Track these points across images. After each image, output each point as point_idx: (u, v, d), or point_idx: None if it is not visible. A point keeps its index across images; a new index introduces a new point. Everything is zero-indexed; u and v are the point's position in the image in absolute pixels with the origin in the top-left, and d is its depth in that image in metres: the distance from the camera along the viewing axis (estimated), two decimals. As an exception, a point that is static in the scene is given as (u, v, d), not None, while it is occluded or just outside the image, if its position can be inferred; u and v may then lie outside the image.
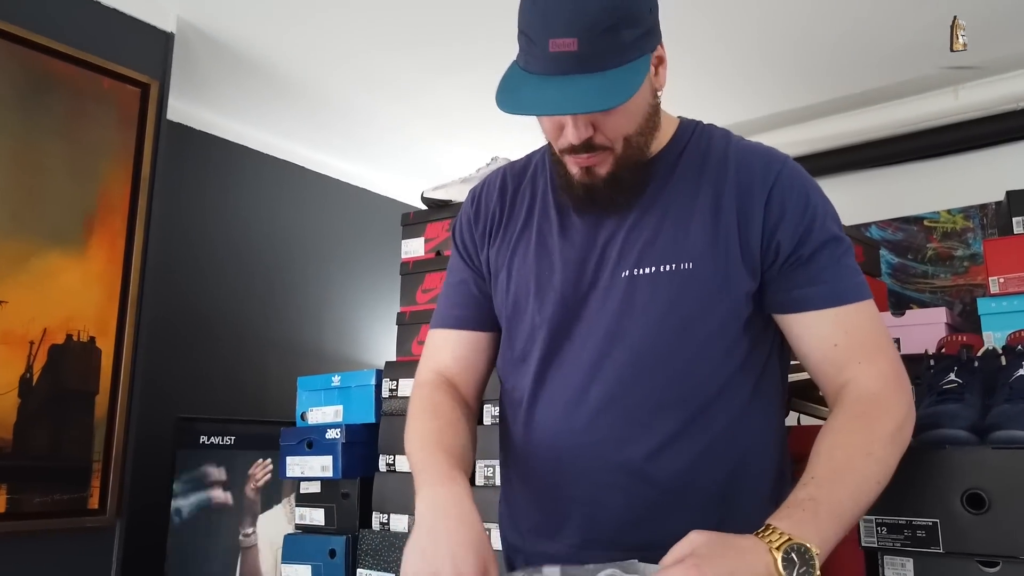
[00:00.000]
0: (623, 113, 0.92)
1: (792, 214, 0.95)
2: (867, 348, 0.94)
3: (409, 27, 2.19)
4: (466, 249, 1.12)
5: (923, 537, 1.08)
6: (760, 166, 0.99)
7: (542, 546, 1.01)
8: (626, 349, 0.95)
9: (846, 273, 0.96)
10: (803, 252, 0.95)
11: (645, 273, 0.96)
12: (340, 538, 1.82)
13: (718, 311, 0.95)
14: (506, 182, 1.12)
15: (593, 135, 0.92)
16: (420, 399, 1.07)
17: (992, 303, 1.65)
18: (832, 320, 0.94)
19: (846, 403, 0.93)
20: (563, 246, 1.02)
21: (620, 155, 0.95)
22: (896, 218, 2.72)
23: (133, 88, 2.12)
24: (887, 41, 2.28)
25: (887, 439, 0.89)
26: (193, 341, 2.62)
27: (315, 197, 3.12)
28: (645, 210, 0.99)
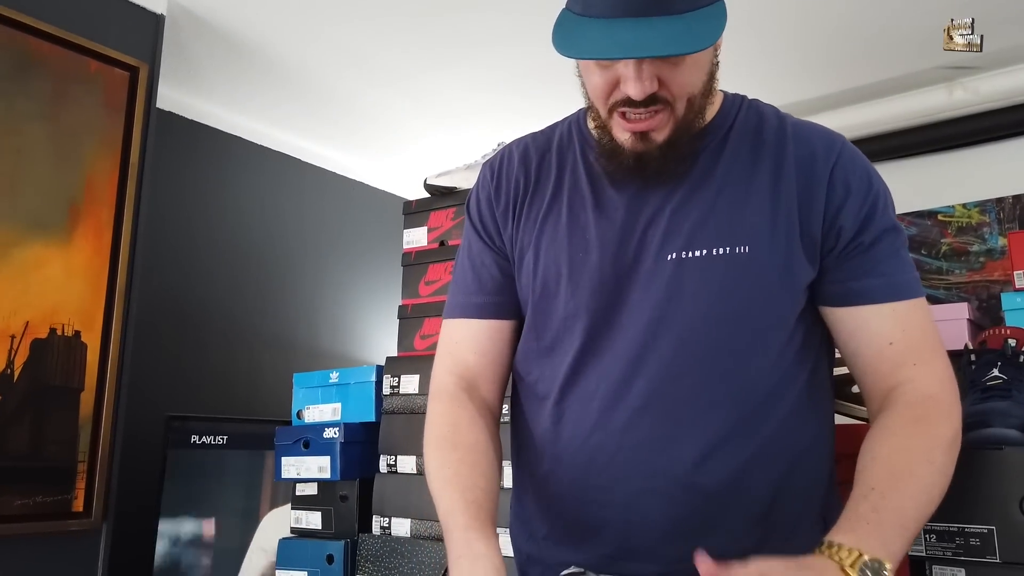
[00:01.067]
0: (693, 67, 0.83)
1: (856, 195, 0.88)
2: (924, 348, 0.88)
3: (408, 13, 2.11)
4: (485, 228, 1.02)
5: (977, 545, 1.00)
6: (821, 143, 0.91)
7: (564, 555, 0.92)
8: (673, 340, 0.86)
9: (904, 266, 0.90)
10: (864, 239, 0.88)
11: (695, 256, 0.87)
12: (338, 543, 1.73)
13: (775, 301, 0.87)
14: (529, 152, 1.01)
15: (658, 90, 0.83)
16: (439, 417, 0.96)
17: (1018, 298, 1.58)
18: (890, 316, 0.88)
19: (901, 406, 0.86)
20: (599, 223, 0.92)
21: (680, 118, 0.86)
22: (910, 212, 2.65)
23: (121, 72, 2.04)
24: (899, 30, 2.22)
25: (947, 445, 0.84)
26: (183, 336, 2.54)
27: (310, 189, 3.04)
28: (695, 186, 0.90)
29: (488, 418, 0.97)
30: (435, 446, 0.93)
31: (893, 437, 0.83)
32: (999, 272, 2.43)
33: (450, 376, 0.99)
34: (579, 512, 0.91)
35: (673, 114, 0.86)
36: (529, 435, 0.98)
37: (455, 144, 2.96)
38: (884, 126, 2.62)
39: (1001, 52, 2.31)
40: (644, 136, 0.86)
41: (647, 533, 0.87)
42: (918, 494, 0.79)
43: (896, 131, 2.62)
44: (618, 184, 0.93)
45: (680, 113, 0.86)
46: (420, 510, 1.66)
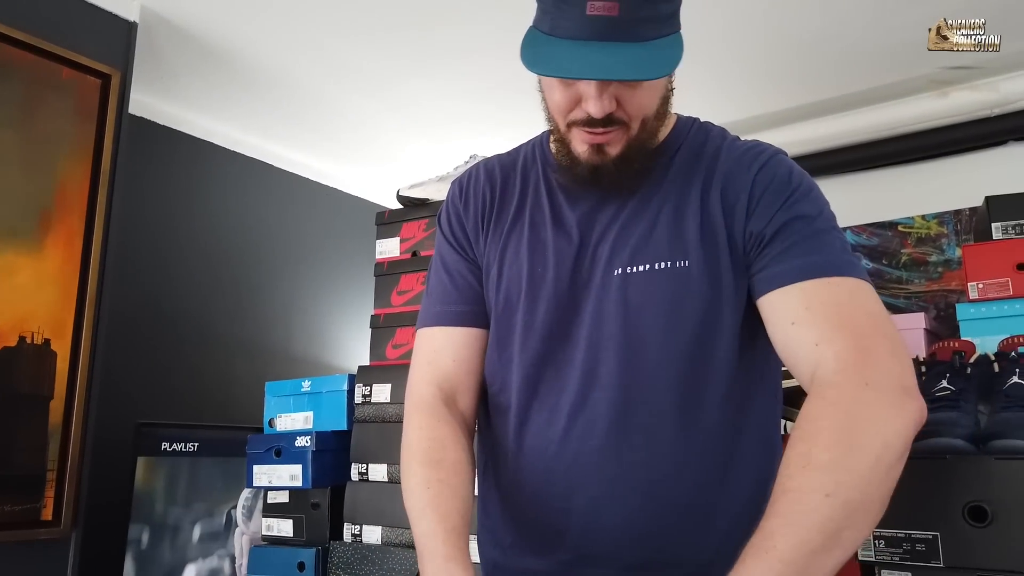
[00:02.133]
0: (649, 91, 0.88)
1: (769, 194, 0.90)
2: (827, 326, 0.80)
3: (384, 20, 2.12)
4: (458, 240, 1.05)
5: (923, 551, 1.05)
6: (749, 155, 0.95)
7: (527, 562, 0.95)
8: (621, 352, 0.90)
9: (823, 248, 0.86)
10: (768, 231, 0.88)
11: (640, 271, 0.91)
12: (309, 550, 1.74)
13: (717, 311, 0.90)
14: (495, 171, 1.06)
15: (615, 112, 0.87)
16: (420, 431, 0.97)
17: (971, 308, 1.65)
18: (796, 295, 0.83)
19: (804, 411, 0.77)
20: (556, 240, 0.97)
21: (634, 136, 0.91)
22: (871, 223, 2.72)
23: (93, 79, 2.03)
24: (862, 44, 2.28)
25: (855, 469, 0.71)
26: (155, 344, 2.53)
27: (284, 196, 3.04)
28: (642, 203, 0.95)
29: (467, 435, 1.00)
30: (417, 462, 0.94)
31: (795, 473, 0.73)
32: (956, 282, 2.51)
33: (429, 387, 1.00)
34: (542, 520, 0.94)
35: (628, 133, 0.90)
36: (495, 445, 1.01)
37: (431, 152, 2.98)
38: (845, 139, 2.68)
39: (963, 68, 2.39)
40: (600, 149, 0.91)
41: (606, 539, 0.89)
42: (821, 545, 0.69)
43: (859, 144, 2.68)
44: (574, 202, 0.97)
45: (634, 132, 0.90)
46: (391, 518, 1.68)
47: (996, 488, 1.01)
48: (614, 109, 0.87)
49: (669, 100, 0.96)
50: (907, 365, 0.79)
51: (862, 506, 0.71)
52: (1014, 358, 1.24)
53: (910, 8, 2.08)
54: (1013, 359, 1.24)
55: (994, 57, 2.31)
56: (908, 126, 2.59)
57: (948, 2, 2.04)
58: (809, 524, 0.69)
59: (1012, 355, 1.25)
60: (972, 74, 2.43)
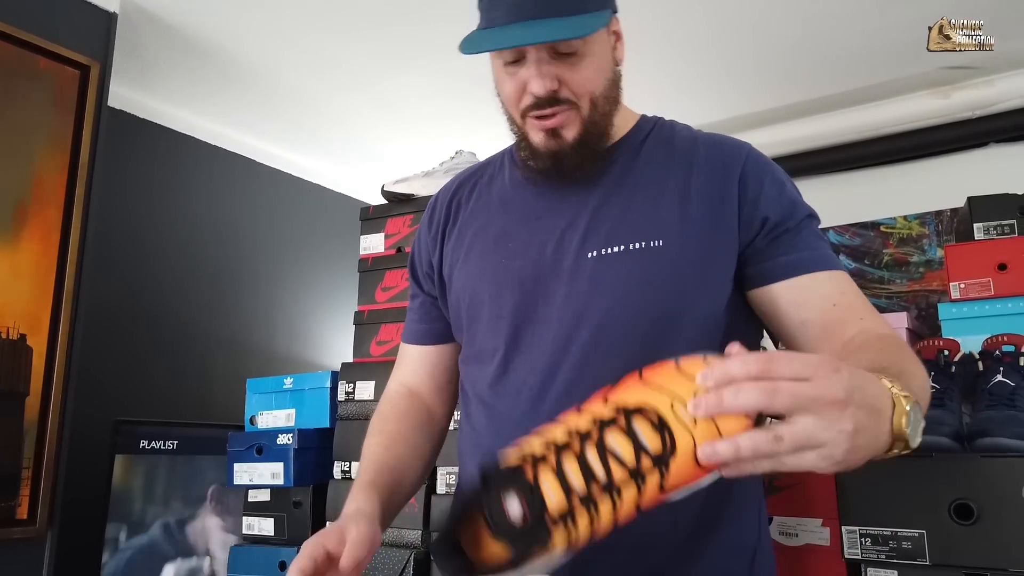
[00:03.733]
0: (589, 67, 0.92)
1: (767, 186, 0.95)
2: (864, 307, 0.91)
3: (369, 16, 2.11)
4: (422, 263, 1.13)
5: (909, 549, 1.05)
6: (730, 147, 0.99)
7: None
8: (593, 329, 0.91)
9: (826, 245, 0.96)
10: (791, 223, 0.94)
11: (614, 252, 0.93)
12: (290, 549, 1.72)
13: (691, 290, 0.92)
14: (462, 182, 1.12)
15: (559, 89, 0.91)
16: (378, 414, 1.09)
17: (953, 308, 1.65)
18: (828, 281, 0.91)
19: (865, 340, 0.84)
20: (521, 230, 1.00)
21: (586, 117, 0.94)
22: (854, 223, 2.73)
23: (72, 70, 2.00)
24: (846, 46, 2.29)
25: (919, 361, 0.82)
26: (133, 340, 2.49)
27: (266, 191, 3.01)
28: (612, 191, 0.97)
29: (423, 413, 1.10)
30: (370, 433, 1.06)
31: (872, 350, 0.80)
32: (937, 282, 2.53)
33: (396, 384, 1.14)
34: None
35: (579, 114, 0.94)
36: (469, 433, 1.03)
37: (416, 148, 2.96)
38: (829, 139, 2.70)
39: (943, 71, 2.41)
40: (555, 133, 0.94)
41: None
42: (924, 380, 0.78)
43: (842, 144, 2.70)
44: (541, 196, 1.00)
45: (585, 112, 0.94)
46: (374, 516, 1.67)
47: (981, 486, 1.01)
48: (557, 87, 0.91)
49: (618, 85, 1.00)
50: None
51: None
52: (998, 356, 1.24)
53: (894, 10, 2.09)
54: (997, 357, 1.24)
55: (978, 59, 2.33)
56: (890, 127, 2.61)
57: (933, 5, 2.06)
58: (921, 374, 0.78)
59: (996, 353, 1.26)
60: (956, 76, 2.45)
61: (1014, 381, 1.18)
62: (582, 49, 0.91)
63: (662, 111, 1.13)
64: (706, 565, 0.90)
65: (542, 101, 0.91)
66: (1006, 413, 1.11)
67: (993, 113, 2.46)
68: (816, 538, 1.17)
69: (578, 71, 0.91)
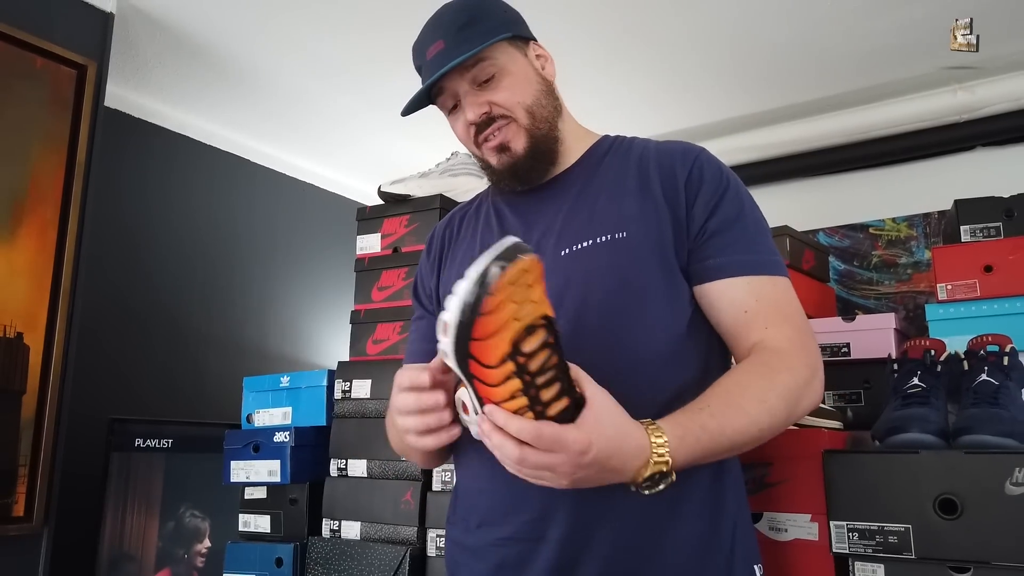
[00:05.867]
0: (511, 84, 1.04)
1: (707, 186, 1.02)
2: (775, 315, 0.97)
3: (366, 16, 2.12)
4: (424, 288, 1.21)
5: (895, 543, 1.07)
6: (681, 151, 1.07)
7: (495, 533, 0.99)
8: (570, 318, 0.97)
9: (758, 248, 1.00)
10: (714, 224, 1.00)
11: (584, 246, 1.01)
12: (287, 546, 1.74)
13: (655, 276, 0.99)
14: (455, 215, 1.23)
15: (490, 110, 1.04)
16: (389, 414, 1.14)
17: (940, 309, 1.68)
18: (744, 287, 0.97)
19: (751, 357, 0.96)
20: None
21: (528, 126, 1.05)
22: (843, 225, 2.77)
23: (68, 69, 2.01)
24: (832, 50, 2.32)
25: (783, 392, 0.91)
26: (129, 338, 2.50)
27: (263, 191, 3.02)
28: (579, 196, 1.06)
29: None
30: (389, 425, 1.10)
31: (737, 374, 0.93)
32: (925, 283, 2.56)
33: None
34: (502, 489, 0.98)
35: (520, 125, 1.05)
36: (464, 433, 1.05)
37: (412, 150, 2.97)
38: (820, 142, 2.73)
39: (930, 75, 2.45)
40: (504, 148, 1.05)
41: (566, 491, 0.92)
42: (742, 427, 0.87)
43: (831, 147, 2.73)
44: (519, 213, 1.10)
45: (525, 122, 1.05)
46: (370, 513, 1.68)
47: (965, 481, 1.04)
48: (488, 109, 1.04)
49: (554, 95, 1.10)
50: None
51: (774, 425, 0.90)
52: (983, 356, 1.27)
53: (879, 15, 2.12)
54: (982, 357, 1.27)
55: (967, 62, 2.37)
56: (879, 130, 2.65)
57: (917, 10, 2.09)
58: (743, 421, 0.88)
59: (981, 353, 1.28)
60: (944, 79, 2.48)
61: (998, 380, 1.21)
62: (498, 73, 1.04)
63: (647, 116, 1.19)
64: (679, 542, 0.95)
65: (481, 125, 1.05)
66: (989, 411, 1.14)
67: (980, 117, 2.50)
68: (805, 533, 1.20)
69: (501, 90, 1.04)
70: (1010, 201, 1.81)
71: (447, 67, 1.00)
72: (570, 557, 0.93)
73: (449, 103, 1.07)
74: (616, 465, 0.79)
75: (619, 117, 2.69)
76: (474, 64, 1.03)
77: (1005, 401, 1.18)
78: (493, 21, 1.05)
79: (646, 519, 0.93)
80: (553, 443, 0.75)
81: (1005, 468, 1.02)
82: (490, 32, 1.03)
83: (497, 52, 1.04)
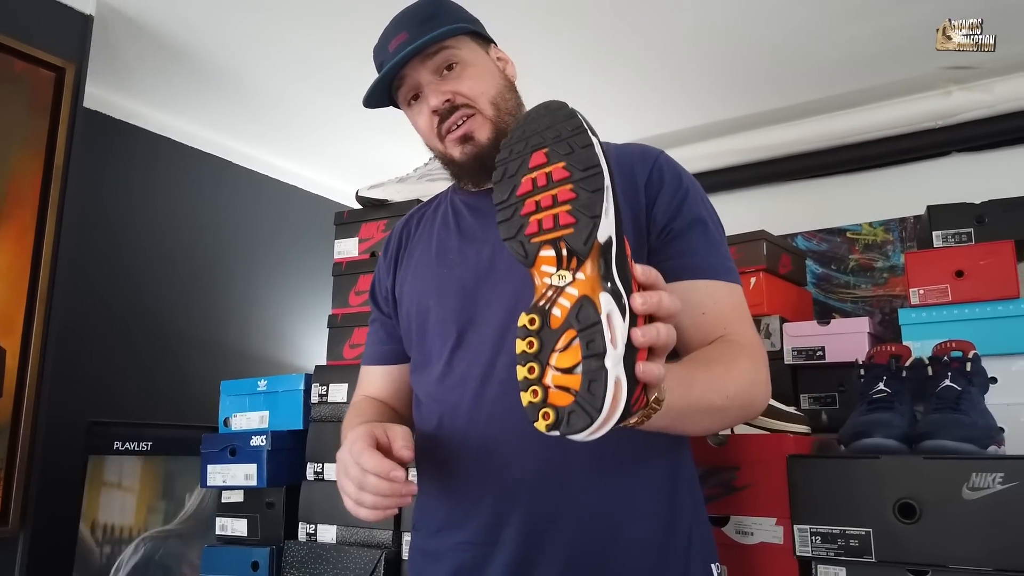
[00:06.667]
0: (474, 75, 1.05)
1: (667, 188, 1.02)
2: (733, 318, 0.98)
3: (347, 19, 2.13)
4: (380, 288, 1.20)
5: (856, 546, 1.09)
6: (639, 152, 1.07)
7: (456, 537, 1.00)
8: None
9: (714, 252, 1.01)
10: (675, 226, 1.01)
11: None
12: (264, 549, 1.74)
13: None
14: (412, 215, 1.23)
15: (453, 98, 1.04)
16: (353, 408, 1.17)
17: (912, 313, 1.71)
18: (703, 290, 0.98)
19: (713, 343, 0.96)
20: (461, 244, 1.08)
21: (492, 117, 1.05)
22: (821, 229, 2.80)
23: (47, 72, 2.01)
24: (815, 56, 2.34)
25: (742, 372, 0.92)
26: (108, 341, 2.49)
27: (242, 193, 3.02)
28: None
29: (395, 416, 1.15)
30: (349, 415, 1.14)
31: (703, 352, 0.93)
32: (901, 287, 2.59)
33: (365, 396, 1.21)
34: (463, 492, 1.00)
35: (485, 116, 1.05)
36: (422, 437, 1.08)
37: (392, 153, 2.98)
38: (803, 146, 2.75)
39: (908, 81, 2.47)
40: (468, 139, 1.05)
41: (521, 494, 0.95)
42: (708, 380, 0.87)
43: (813, 151, 2.76)
44: (475, 212, 1.10)
45: (490, 113, 1.05)
46: (347, 517, 1.69)
47: (924, 486, 1.06)
48: (451, 97, 1.04)
49: (515, 91, 1.11)
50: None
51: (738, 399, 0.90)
52: (946, 362, 1.29)
53: (864, 21, 2.15)
54: (945, 363, 1.29)
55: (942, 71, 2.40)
56: (857, 135, 2.67)
57: (900, 17, 2.11)
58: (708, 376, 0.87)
59: (944, 359, 1.31)
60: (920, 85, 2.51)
61: (960, 386, 1.23)
62: (461, 63, 1.05)
63: (640, 117, 1.19)
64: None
65: (444, 112, 1.04)
66: (951, 416, 1.16)
67: (955, 123, 2.53)
68: (770, 536, 1.21)
69: (464, 78, 1.04)
70: (981, 207, 1.84)
71: (410, 48, 1.01)
72: (526, 560, 0.94)
73: (410, 95, 1.07)
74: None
75: (608, 119, 2.71)
76: (436, 52, 1.04)
77: (967, 406, 1.20)
78: (455, 16, 1.07)
79: (601, 520, 0.94)
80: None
81: (962, 473, 1.04)
82: (453, 23, 1.05)
83: (460, 44, 1.05)
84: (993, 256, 1.66)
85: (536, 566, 0.93)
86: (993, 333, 1.60)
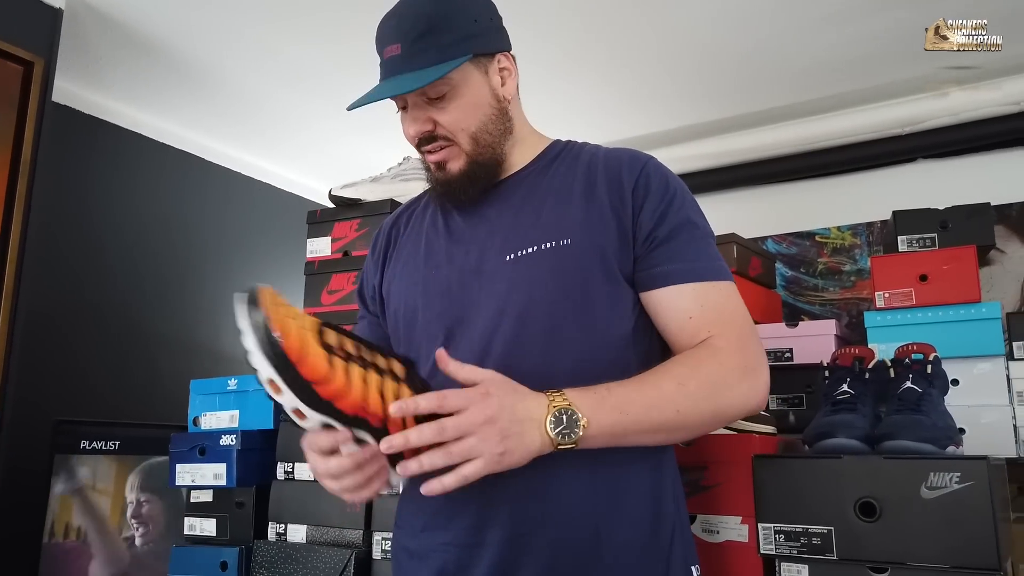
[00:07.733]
0: (457, 108, 1.03)
1: (654, 195, 1.03)
2: (719, 321, 0.99)
3: (320, 16, 2.12)
4: (368, 287, 1.21)
5: (818, 544, 1.12)
6: (628, 159, 1.08)
7: (438, 538, 1.00)
8: (514, 323, 0.99)
9: (703, 255, 1.02)
10: (661, 231, 1.01)
11: (529, 252, 1.02)
12: (233, 549, 1.73)
13: (599, 283, 1.00)
14: (401, 213, 1.23)
15: (434, 129, 1.03)
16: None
17: (878, 316, 1.75)
18: (690, 294, 1.00)
19: (685, 352, 0.99)
20: (448, 244, 1.09)
21: (470, 151, 1.04)
22: (790, 233, 2.84)
23: (15, 66, 1.98)
24: (786, 62, 2.38)
25: (705, 380, 0.94)
26: (75, 339, 2.46)
27: (214, 190, 2.99)
28: (524, 201, 1.07)
29: None
30: None
31: (663, 366, 0.96)
32: (867, 291, 2.64)
33: None
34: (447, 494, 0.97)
35: (462, 149, 1.04)
36: None
37: (366, 151, 2.97)
38: (768, 151, 2.80)
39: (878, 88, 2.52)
40: (440, 166, 1.06)
41: (504, 497, 0.95)
42: (652, 399, 0.90)
43: (782, 156, 2.80)
44: (465, 215, 1.10)
45: (467, 148, 1.04)
46: (316, 517, 1.69)
47: (884, 485, 1.09)
48: (431, 127, 1.03)
49: (506, 116, 1.08)
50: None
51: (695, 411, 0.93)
52: (908, 364, 1.32)
53: (833, 29, 2.19)
54: (907, 365, 1.32)
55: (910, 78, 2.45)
56: (827, 141, 2.72)
57: (870, 25, 2.15)
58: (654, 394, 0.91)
59: (906, 361, 1.34)
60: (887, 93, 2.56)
61: (921, 387, 1.26)
62: (450, 93, 1.02)
63: (608, 122, 1.19)
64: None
65: (422, 140, 1.04)
66: (912, 417, 1.19)
67: (921, 130, 2.58)
68: (735, 535, 1.24)
69: (447, 112, 1.03)
70: (945, 213, 1.89)
71: (398, 86, 1.00)
72: (510, 561, 0.94)
73: (400, 103, 1.07)
74: (522, 414, 0.84)
75: (577, 123, 2.72)
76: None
77: (927, 408, 1.23)
78: (455, 35, 1.01)
79: (585, 522, 0.95)
80: (457, 398, 0.82)
81: (921, 473, 1.07)
82: (448, 49, 1.00)
83: (453, 71, 1.00)
84: (956, 261, 1.70)
85: (520, 567, 0.94)
86: (956, 336, 1.64)
